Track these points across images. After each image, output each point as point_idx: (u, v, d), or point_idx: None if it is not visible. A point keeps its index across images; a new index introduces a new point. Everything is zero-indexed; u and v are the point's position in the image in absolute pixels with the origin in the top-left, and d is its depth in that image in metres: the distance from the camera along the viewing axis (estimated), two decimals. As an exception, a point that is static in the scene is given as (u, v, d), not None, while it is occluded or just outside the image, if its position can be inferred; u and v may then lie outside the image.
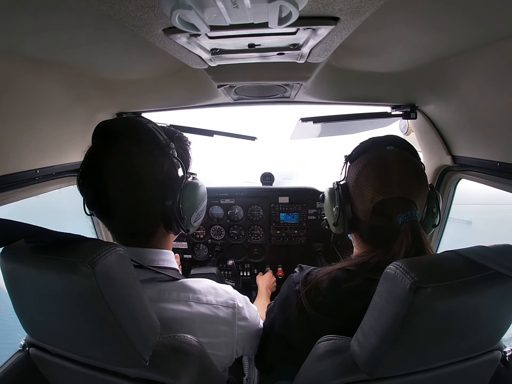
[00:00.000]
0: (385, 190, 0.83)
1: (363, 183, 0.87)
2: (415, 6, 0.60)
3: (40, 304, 0.66)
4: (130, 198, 0.78)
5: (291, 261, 2.12)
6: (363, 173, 0.88)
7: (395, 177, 0.83)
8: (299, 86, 1.29)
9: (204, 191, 0.93)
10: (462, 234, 10.53)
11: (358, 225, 0.93)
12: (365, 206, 0.86)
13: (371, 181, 0.85)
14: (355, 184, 0.89)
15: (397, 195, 0.83)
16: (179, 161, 0.84)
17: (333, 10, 0.57)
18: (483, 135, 1.12)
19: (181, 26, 0.50)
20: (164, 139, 0.82)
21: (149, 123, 0.83)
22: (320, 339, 0.77)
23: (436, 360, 0.70)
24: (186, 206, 0.84)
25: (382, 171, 0.84)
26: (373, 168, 0.86)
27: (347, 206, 0.91)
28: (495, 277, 0.59)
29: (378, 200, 0.83)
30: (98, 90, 1.22)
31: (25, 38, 0.70)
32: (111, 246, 0.60)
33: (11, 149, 0.98)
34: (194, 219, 0.89)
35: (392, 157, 0.86)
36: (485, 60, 0.87)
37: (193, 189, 0.87)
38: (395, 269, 0.59)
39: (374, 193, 0.84)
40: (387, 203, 0.83)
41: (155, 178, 0.80)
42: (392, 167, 0.84)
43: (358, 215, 0.90)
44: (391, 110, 1.54)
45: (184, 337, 0.73)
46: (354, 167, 0.92)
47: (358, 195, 0.88)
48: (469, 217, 12.00)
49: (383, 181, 0.83)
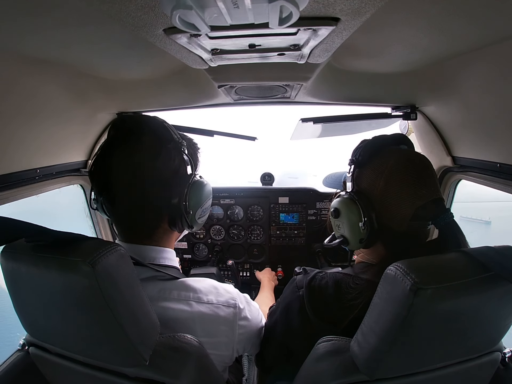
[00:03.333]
0: (423, 193, 0.80)
1: (398, 190, 0.81)
2: (416, 7, 0.60)
3: (40, 303, 0.66)
4: (137, 189, 0.81)
5: (291, 261, 2.12)
6: (394, 178, 0.82)
7: (428, 180, 0.82)
8: (300, 86, 1.29)
9: (210, 190, 0.96)
10: (480, 236, 9.58)
11: (384, 235, 0.86)
12: (403, 213, 0.81)
13: (407, 186, 0.80)
14: (384, 192, 0.82)
15: (434, 196, 0.81)
16: (189, 158, 0.87)
17: (333, 10, 0.57)
18: (483, 136, 1.12)
19: (182, 26, 0.50)
20: (177, 137, 0.87)
21: (164, 122, 0.88)
22: (320, 339, 0.76)
23: (436, 361, 0.70)
24: (192, 201, 0.86)
25: (416, 174, 0.81)
26: (405, 172, 0.82)
27: (373, 218, 0.84)
28: (495, 278, 0.59)
29: (419, 204, 0.80)
30: (98, 90, 1.22)
31: (26, 38, 0.70)
32: (112, 245, 0.60)
33: (11, 148, 0.98)
34: (199, 216, 0.91)
35: (415, 158, 0.85)
36: (486, 61, 0.87)
37: (200, 187, 0.90)
38: (395, 270, 0.59)
39: (414, 198, 0.80)
40: (426, 207, 0.80)
41: (164, 171, 0.83)
42: (422, 169, 0.83)
43: (389, 224, 0.83)
44: (391, 111, 1.54)
45: (184, 336, 0.73)
46: (372, 172, 0.86)
47: (392, 203, 0.82)
48: (488, 216, 10.90)
49: (421, 185, 0.80)
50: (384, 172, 0.83)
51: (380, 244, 0.89)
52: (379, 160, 0.86)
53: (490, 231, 10.76)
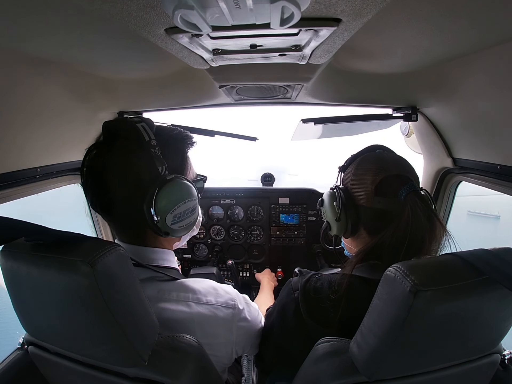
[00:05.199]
0: (383, 169, 0.89)
1: (362, 172, 0.93)
2: (417, 8, 0.60)
3: (39, 303, 0.66)
4: (121, 200, 0.80)
5: (291, 262, 2.12)
6: (360, 165, 0.95)
7: (390, 160, 0.92)
8: (301, 87, 1.29)
9: (188, 191, 0.83)
10: (489, 233, 8.99)
11: (361, 217, 0.93)
12: (366, 190, 0.90)
13: (369, 167, 0.92)
14: (354, 177, 0.95)
15: (395, 172, 0.88)
16: (162, 160, 0.79)
17: (335, 11, 0.57)
18: (483, 138, 1.12)
19: (183, 26, 0.50)
20: (148, 136, 0.78)
21: (140, 122, 0.80)
22: (319, 340, 0.76)
23: (435, 363, 0.70)
24: (160, 206, 0.77)
25: (378, 157, 0.94)
26: (369, 159, 0.95)
27: (348, 198, 0.95)
28: (494, 281, 0.59)
29: (378, 179, 0.88)
30: (99, 89, 1.22)
31: (27, 38, 0.70)
32: (111, 245, 0.60)
33: (12, 147, 0.98)
34: (171, 221, 0.79)
35: (383, 153, 0.98)
36: (487, 62, 0.87)
37: (170, 189, 0.78)
38: (395, 271, 0.59)
39: (374, 175, 0.89)
40: (386, 181, 0.87)
41: (129, 177, 0.79)
42: (386, 155, 0.95)
43: (360, 203, 0.92)
44: (392, 112, 1.55)
45: (183, 337, 0.73)
46: (350, 170, 0.99)
47: (358, 185, 0.93)
48: (497, 211, 10.41)
49: (381, 163, 0.91)
50: (355, 165, 0.97)
51: (363, 231, 0.95)
52: (356, 161, 0.99)
53: (499, 227, 10.29)
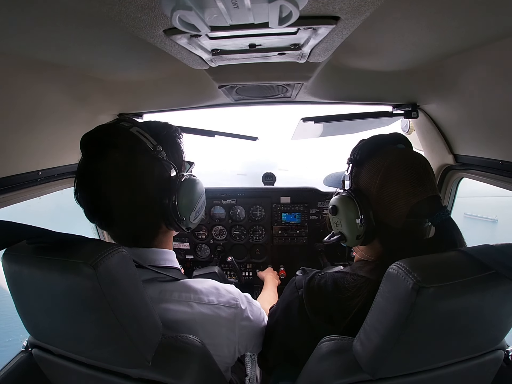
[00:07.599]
0: (419, 191, 0.80)
1: (394, 187, 0.82)
2: (416, 4, 0.60)
3: (42, 305, 0.66)
4: (128, 207, 0.79)
5: (293, 261, 2.12)
6: (390, 176, 0.83)
7: (425, 177, 0.82)
8: (300, 86, 1.28)
9: (201, 187, 0.93)
10: (487, 238, 8.89)
11: (381, 232, 0.87)
12: (399, 211, 0.81)
13: (403, 184, 0.81)
14: (381, 190, 0.84)
15: (430, 194, 0.81)
16: (169, 162, 0.82)
17: (333, 9, 0.57)
18: (484, 134, 1.12)
19: (182, 27, 0.50)
20: (150, 142, 0.80)
21: (133, 127, 0.80)
22: (323, 339, 0.76)
23: (439, 360, 0.70)
24: (183, 206, 0.84)
25: (412, 172, 0.82)
26: (401, 170, 0.83)
27: (370, 215, 0.85)
28: (497, 276, 0.59)
29: (414, 202, 0.80)
30: (99, 91, 1.23)
31: (26, 40, 0.70)
32: (114, 247, 0.60)
33: (12, 150, 0.98)
34: (194, 217, 0.90)
35: (411, 157, 0.85)
36: (487, 58, 0.86)
37: (189, 188, 0.86)
38: (398, 268, 0.59)
39: (409, 195, 0.80)
40: (421, 204, 0.80)
41: (148, 183, 0.80)
42: (418, 167, 0.83)
43: (386, 222, 0.84)
44: (392, 109, 1.54)
45: (186, 337, 0.73)
46: (369, 171, 0.87)
47: (388, 201, 0.83)
48: (495, 214, 10.43)
49: (416, 182, 0.81)
50: (381, 171, 0.84)
51: (377, 241, 0.89)
52: (376, 159, 0.87)
53: (496, 231, 10.16)
